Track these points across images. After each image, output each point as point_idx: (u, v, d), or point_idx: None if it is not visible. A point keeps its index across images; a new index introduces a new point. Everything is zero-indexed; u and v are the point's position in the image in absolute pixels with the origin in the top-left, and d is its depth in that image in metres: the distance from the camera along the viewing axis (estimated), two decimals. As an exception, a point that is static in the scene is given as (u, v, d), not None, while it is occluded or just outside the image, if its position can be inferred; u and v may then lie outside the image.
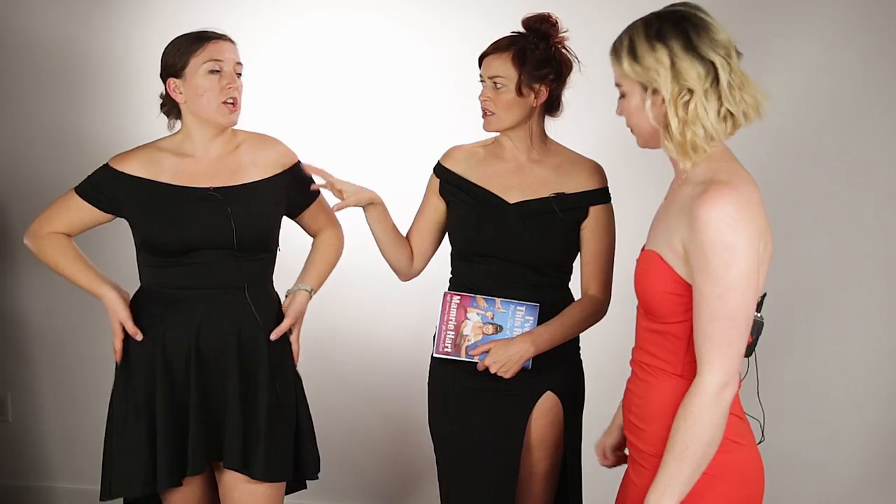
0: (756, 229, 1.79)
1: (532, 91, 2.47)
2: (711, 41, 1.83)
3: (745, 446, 1.90)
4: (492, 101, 2.48)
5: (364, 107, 3.62)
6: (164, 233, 2.49)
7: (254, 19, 3.60)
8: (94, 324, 3.82)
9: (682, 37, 1.83)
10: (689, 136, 1.84)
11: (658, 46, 1.83)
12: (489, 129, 2.53)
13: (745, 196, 1.79)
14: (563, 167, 2.54)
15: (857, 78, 3.29)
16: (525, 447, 2.54)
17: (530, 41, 2.46)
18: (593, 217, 2.52)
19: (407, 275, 2.68)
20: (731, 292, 1.76)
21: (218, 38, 2.53)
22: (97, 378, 3.81)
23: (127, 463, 2.49)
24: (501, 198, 2.52)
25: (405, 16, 3.57)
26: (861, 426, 3.40)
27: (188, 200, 2.49)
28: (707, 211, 1.77)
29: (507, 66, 2.45)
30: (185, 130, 2.57)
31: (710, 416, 1.79)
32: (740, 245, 1.76)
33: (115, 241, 3.02)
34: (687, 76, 1.81)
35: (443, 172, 2.61)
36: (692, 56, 1.82)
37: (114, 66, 3.69)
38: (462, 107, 3.49)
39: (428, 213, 2.64)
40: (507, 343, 2.44)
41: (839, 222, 3.37)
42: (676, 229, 1.86)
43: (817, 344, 3.40)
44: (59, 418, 3.89)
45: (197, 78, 2.48)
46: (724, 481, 1.87)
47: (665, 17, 1.87)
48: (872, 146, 3.32)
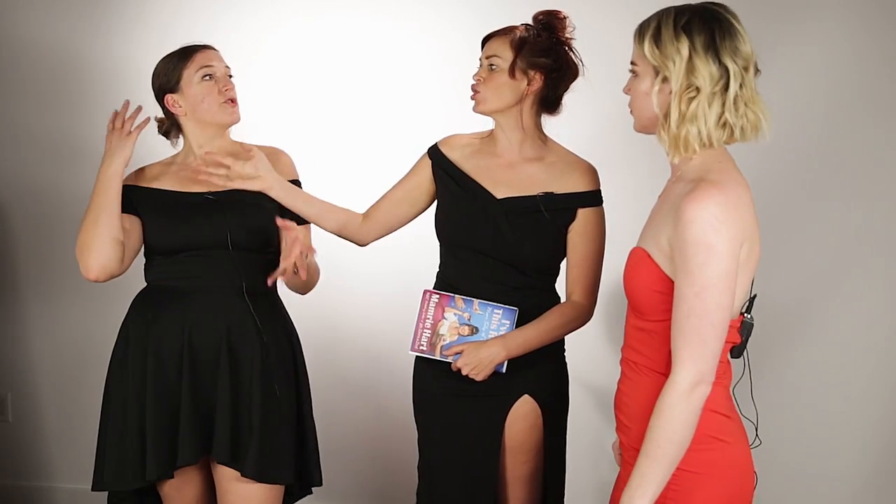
0: (740, 231, 1.79)
1: (525, 76, 2.45)
2: (734, 49, 1.84)
3: (731, 444, 1.90)
4: (482, 81, 2.47)
5: (361, 105, 3.62)
6: (163, 234, 2.56)
7: (253, 19, 3.61)
8: (94, 324, 3.82)
9: (707, 35, 1.84)
10: (684, 133, 1.84)
11: (682, 37, 1.84)
12: (476, 110, 2.51)
13: (732, 197, 1.80)
14: (557, 167, 2.51)
15: (856, 81, 3.29)
16: (504, 450, 2.52)
17: (533, 29, 2.47)
18: (581, 220, 2.48)
19: (361, 240, 2.64)
20: (707, 291, 1.76)
21: (202, 48, 2.62)
22: (97, 378, 3.80)
23: (118, 454, 2.53)
24: (489, 191, 2.50)
25: (404, 15, 3.57)
26: (858, 427, 3.39)
27: (187, 203, 2.57)
28: (692, 209, 1.77)
29: (505, 47, 2.45)
30: (187, 144, 2.66)
31: (680, 414, 1.78)
32: (720, 246, 1.76)
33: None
34: (699, 74, 1.82)
35: (437, 156, 2.58)
36: (710, 56, 1.83)
37: (112, 68, 3.70)
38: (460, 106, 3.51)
39: (406, 187, 2.61)
40: (479, 346, 2.42)
41: (836, 224, 3.36)
42: (664, 227, 1.86)
43: (813, 345, 3.39)
44: (59, 418, 3.89)
45: (193, 87, 2.57)
46: (711, 479, 1.87)
47: (698, 11, 1.87)
48: (871, 149, 3.31)
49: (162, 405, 2.50)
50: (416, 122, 3.55)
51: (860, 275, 3.35)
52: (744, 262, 1.84)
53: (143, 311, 2.59)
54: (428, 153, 2.61)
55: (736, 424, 1.93)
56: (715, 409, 1.87)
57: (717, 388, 1.88)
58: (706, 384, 1.80)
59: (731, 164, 1.89)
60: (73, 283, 3.83)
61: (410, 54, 3.58)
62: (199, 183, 2.54)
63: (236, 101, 2.60)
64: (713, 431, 1.86)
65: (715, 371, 1.82)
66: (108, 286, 3.76)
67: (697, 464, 1.85)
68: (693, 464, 1.85)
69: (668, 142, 1.88)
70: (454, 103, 3.47)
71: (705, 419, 1.84)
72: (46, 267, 3.85)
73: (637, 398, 1.94)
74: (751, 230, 1.85)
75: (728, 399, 1.93)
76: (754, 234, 1.86)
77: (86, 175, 3.80)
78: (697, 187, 1.80)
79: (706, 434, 1.85)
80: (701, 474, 1.85)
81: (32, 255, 3.86)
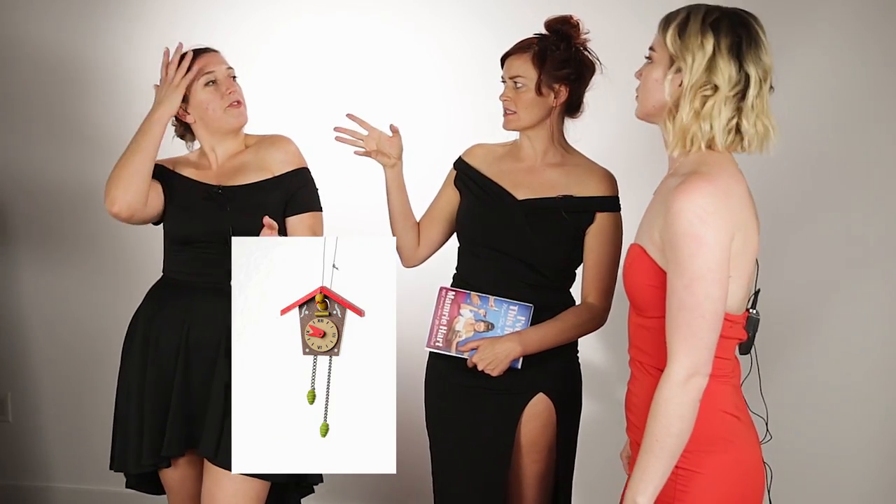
0: (730, 222, 1.79)
1: (552, 91, 2.50)
2: (757, 58, 1.84)
3: (741, 446, 1.89)
4: (512, 101, 2.52)
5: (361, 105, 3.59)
6: (171, 220, 2.60)
7: (252, 19, 3.60)
8: (94, 324, 3.82)
9: (734, 39, 1.84)
10: (694, 129, 1.84)
11: (708, 34, 1.84)
12: (509, 128, 2.56)
13: (722, 188, 1.80)
14: (576, 172, 2.56)
15: (861, 82, 3.29)
16: (517, 448, 2.54)
17: (551, 42, 2.49)
18: (599, 224, 2.52)
19: (411, 258, 2.69)
20: (696, 283, 1.76)
21: (202, 53, 2.63)
22: (97, 378, 3.82)
23: (123, 440, 2.61)
24: (510, 193, 2.54)
25: (405, 15, 3.57)
26: (868, 422, 3.39)
27: (196, 193, 2.59)
28: (680, 201, 1.77)
29: (528, 66, 2.49)
30: (201, 147, 2.68)
31: (676, 407, 1.77)
32: (709, 237, 1.76)
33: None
34: (720, 73, 1.82)
35: (461, 165, 2.65)
36: (733, 59, 1.83)
37: (114, 65, 3.69)
38: (462, 107, 3.51)
39: (441, 203, 2.67)
40: (494, 341, 2.45)
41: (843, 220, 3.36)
42: (656, 221, 1.87)
43: (824, 341, 3.38)
44: (59, 418, 3.89)
45: (198, 95, 2.58)
46: (720, 481, 1.86)
47: (729, 13, 1.87)
48: (875, 148, 3.32)
49: (156, 396, 2.54)
50: (416, 122, 3.55)
51: (870, 271, 3.35)
52: (738, 254, 1.82)
53: (151, 302, 2.63)
54: (454, 166, 2.67)
55: (745, 425, 1.92)
56: (724, 408, 1.87)
57: (726, 387, 1.88)
58: (701, 376, 1.78)
59: (727, 160, 1.89)
60: (74, 282, 3.84)
61: (411, 54, 3.57)
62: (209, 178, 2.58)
63: (242, 102, 2.61)
64: (722, 432, 1.85)
65: (710, 363, 1.80)
66: (109, 287, 3.80)
67: (705, 465, 1.84)
68: (701, 465, 1.84)
69: (674, 133, 1.87)
70: (455, 103, 3.50)
71: (714, 420, 1.84)
72: (47, 266, 3.85)
73: (645, 398, 1.92)
74: (744, 221, 1.84)
75: (737, 398, 1.92)
76: (749, 225, 1.85)
77: (86, 175, 3.83)
78: (686, 180, 1.80)
79: (715, 435, 1.84)
80: (709, 476, 1.84)
81: (33, 255, 3.86)
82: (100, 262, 3.82)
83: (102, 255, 3.79)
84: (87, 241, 3.83)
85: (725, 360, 1.88)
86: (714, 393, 1.84)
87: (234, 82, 2.62)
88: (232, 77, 2.63)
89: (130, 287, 3.76)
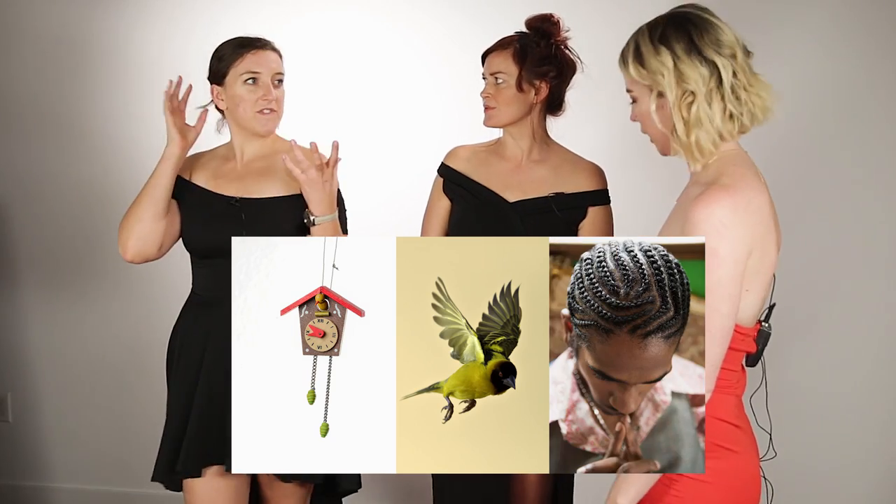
0: (747, 237, 1.78)
1: (532, 87, 2.50)
2: (715, 42, 1.83)
3: (738, 454, 1.87)
4: (493, 97, 2.52)
5: (361, 105, 3.62)
6: (187, 233, 2.57)
7: (252, 20, 3.60)
8: (94, 324, 3.82)
9: (685, 39, 1.83)
10: (694, 139, 1.83)
11: (661, 49, 1.83)
12: (489, 125, 2.56)
13: (742, 201, 1.78)
14: (563, 168, 2.56)
15: (858, 77, 3.30)
16: None
17: (531, 39, 2.50)
18: (591, 218, 2.54)
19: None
20: (706, 296, 1.74)
21: (259, 48, 2.54)
22: (97, 378, 3.83)
23: (160, 453, 2.55)
24: (501, 196, 2.54)
25: (405, 15, 3.57)
26: (874, 439, 3.36)
27: (211, 206, 2.54)
28: (698, 212, 1.76)
29: (508, 63, 2.50)
30: (231, 141, 2.61)
31: None
32: (723, 251, 1.75)
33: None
34: (689, 79, 1.81)
35: (446, 171, 2.64)
36: (694, 58, 1.81)
37: (115, 61, 3.70)
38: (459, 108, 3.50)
39: (438, 213, 2.66)
40: None
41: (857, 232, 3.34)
42: (675, 229, 1.86)
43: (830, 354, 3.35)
44: (59, 418, 3.89)
45: (235, 87, 2.51)
46: (714, 488, 1.84)
47: (669, 20, 1.87)
48: (874, 147, 3.32)
49: (179, 414, 2.51)
50: (416, 121, 3.56)
51: (872, 277, 3.33)
52: (754, 270, 1.81)
53: (182, 317, 2.62)
54: (439, 173, 2.65)
55: (745, 434, 1.90)
56: (722, 417, 1.86)
57: (727, 398, 1.87)
58: (707, 392, 1.77)
59: (747, 166, 1.87)
60: (74, 283, 3.85)
61: (412, 53, 3.58)
62: (228, 182, 2.53)
63: (276, 111, 2.52)
64: (719, 440, 1.84)
65: (715, 378, 1.79)
66: (108, 288, 3.80)
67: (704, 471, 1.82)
68: None
69: (683, 152, 1.86)
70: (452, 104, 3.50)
71: (711, 427, 1.82)
72: (47, 267, 3.85)
73: None
74: (762, 236, 1.82)
75: (738, 408, 1.91)
76: (767, 240, 1.84)
77: (87, 176, 3.83)
78: (707, 190, 1.79)
79: (712, 442, 1.83)
80: (705, 482, 1.82)
81: (33, 255, 3.86)
82: (99, 262, 3.82)
83: (102, 255, 3.79)
84: (86, 241, 3.83)
85: (731, 372, 1.87)
86: (715, 403, 1.83)
87: (276, 88, 2.52)
88: (277, 81, 2.53)
89: (130, 288, 3.78)
